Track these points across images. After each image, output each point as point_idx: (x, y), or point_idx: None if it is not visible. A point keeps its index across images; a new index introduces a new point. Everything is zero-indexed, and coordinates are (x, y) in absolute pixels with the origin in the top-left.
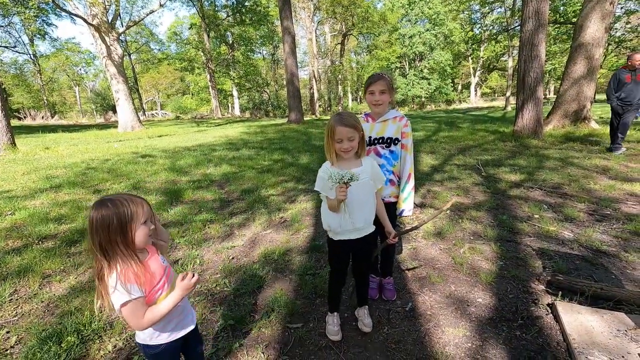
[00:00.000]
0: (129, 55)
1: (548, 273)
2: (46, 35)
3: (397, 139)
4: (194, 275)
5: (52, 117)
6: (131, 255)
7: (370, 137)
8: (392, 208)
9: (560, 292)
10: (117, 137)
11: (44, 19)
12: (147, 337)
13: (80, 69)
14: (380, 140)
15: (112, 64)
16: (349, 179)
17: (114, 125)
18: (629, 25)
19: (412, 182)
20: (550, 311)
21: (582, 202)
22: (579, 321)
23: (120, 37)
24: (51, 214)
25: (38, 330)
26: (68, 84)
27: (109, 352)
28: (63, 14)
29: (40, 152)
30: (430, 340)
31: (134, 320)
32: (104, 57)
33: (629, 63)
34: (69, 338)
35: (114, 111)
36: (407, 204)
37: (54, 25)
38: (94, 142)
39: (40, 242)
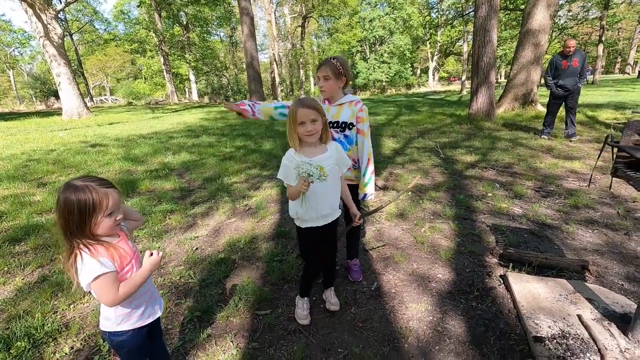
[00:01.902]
0: (71, 35)
1: (500, 247)
2: None
3: (351, 123)
4: (159, 252)
5: None
6: (95, 241)
7: None
8: (350, 190)
9: (511, 264)
10: (62, 125)
11: None
12: (114, 323)
13: (13, 50)
14: (335, 125)
15: (51, 45)
16: (316, 178)
17: (58, 112)
18: (570, 13)
19: (372, 166)
20: (502, 282)
21: (529, 180)
22: (527, 289)
23: (60, 15)
24: None
25: None
26: (0, 67)
27: (66, 354)
28: None
29: None
30: (395, 316)
31: (109, 293)
32: (40, 37)
33: (564, 49)
34: (19, 343)
35: (57, 97)
36: (368, 188)
37: None
38: (35, 131)
39: None
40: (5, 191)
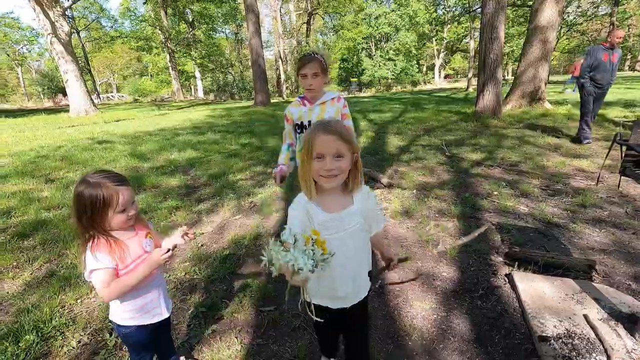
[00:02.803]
0: (78, 32)
1: (506, 246)
2: None
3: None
4: (168, 252)
5: None
6: (103, 233)
7: (309, 122)
8: None
9: (516, 263)
10: (70, 122)
11: None
12: (119, 317)
13: (22, 48)
14: None
15: (59, 42)
16: (308, 270)
17: (65, 109)
18: (579, 10)
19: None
20: (507, 281)
21: (536, 178)
22: (532, 288)
23: (67, 12)
24: None
25: None
26: (9, 64)
27: (73, 348)
28: None
29: None
30: (399, 314)
31: (99, 287)
32: (48, 34)
33: (609, 40)
34: (28, 337)
35: (64, 94)
36: None
37: None
38: (43, 127)
39: None
40: (14, 187)
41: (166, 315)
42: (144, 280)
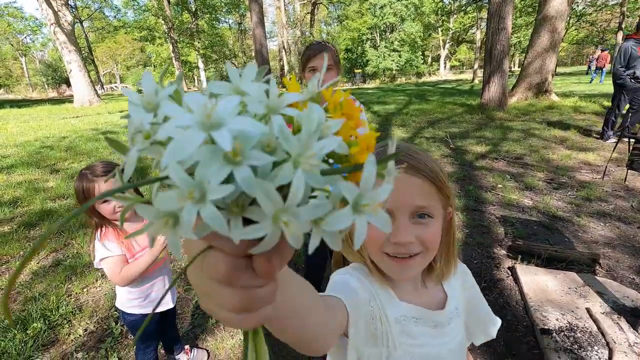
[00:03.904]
0: (81, 22)
1: (509, 239)
2: None
3: None
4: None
5: None
6: (108, 223)
7: None
8: None
9: (519, 256)
10: (74, 112)
11: None
12: (126, 306)
13: (25, 37)
14: None
15: (62, 32)
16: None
17: (69, 99)
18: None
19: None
20: (510, 274)
21: (541, 171)
22: (535, 281)
23: (70, 2)
24: (5, 197)
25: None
26: (13, 54)
27: (80, 336)
28: None
29: None
30: None
31: (109, 274)
32: (51, 24)
33: None
34: (35, 324)
35: (68, 84)
36: None
37: None
38: (48, 118)
39: None
40: (19, 177)
41: (172, 304)
42: (152, 267)
